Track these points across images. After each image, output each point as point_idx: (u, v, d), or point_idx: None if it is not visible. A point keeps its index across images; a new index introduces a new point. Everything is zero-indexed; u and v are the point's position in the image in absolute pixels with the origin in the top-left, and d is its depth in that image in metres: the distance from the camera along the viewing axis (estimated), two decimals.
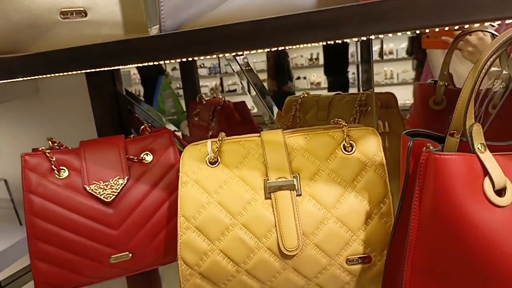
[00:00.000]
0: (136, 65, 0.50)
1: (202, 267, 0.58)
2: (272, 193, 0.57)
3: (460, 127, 0.45)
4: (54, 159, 0.68)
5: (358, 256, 0.56)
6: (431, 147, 0.45)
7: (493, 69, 0.71)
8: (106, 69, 0.56)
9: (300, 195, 0.57)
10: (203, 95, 1.17)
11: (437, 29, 0.78)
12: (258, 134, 0.62)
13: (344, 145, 0.59)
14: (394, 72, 3.62)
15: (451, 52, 0.84)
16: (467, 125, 0.44)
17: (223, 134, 0.62)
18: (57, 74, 0.55)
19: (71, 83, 1.02)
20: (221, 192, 0.58)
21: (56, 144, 0.72)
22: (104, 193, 0.67)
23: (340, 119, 0.61)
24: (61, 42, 0.51)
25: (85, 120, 1.01)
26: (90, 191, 0.67)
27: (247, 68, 1.05)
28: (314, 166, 0.58)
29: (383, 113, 0.96)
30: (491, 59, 0.42)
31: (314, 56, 3.93)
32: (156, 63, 0.50)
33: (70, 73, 0.51)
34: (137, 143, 0.73)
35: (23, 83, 1.03)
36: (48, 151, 0.68)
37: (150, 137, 0.74)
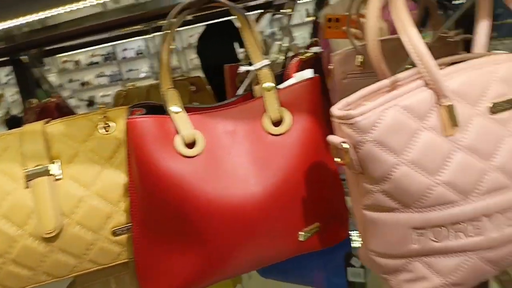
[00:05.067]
0: None
1: None
2: (31, 181, 0.59)
3: None
4: None
5: (122, 226, 0.60)
6: (138, 113, 0.50)
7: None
8: None
9: (61, 178, 0.59)
10: (31, 100, 1.14)
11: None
12: (20, 128, 0.63)
13: (102, 125, 0.62)
14: None
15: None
16: (162, 90, 0.50)
17: None
18: None
19: None
20: None
21: None
22: None
23: (103, 104, 0.64)
24: None
25: None
26: None
27: None
28: (72, 149, 0.61)
29: (197, 96, 1.02)
30: None
31: None
32: None
33: None
34: None
35: None
36: None
37: None
